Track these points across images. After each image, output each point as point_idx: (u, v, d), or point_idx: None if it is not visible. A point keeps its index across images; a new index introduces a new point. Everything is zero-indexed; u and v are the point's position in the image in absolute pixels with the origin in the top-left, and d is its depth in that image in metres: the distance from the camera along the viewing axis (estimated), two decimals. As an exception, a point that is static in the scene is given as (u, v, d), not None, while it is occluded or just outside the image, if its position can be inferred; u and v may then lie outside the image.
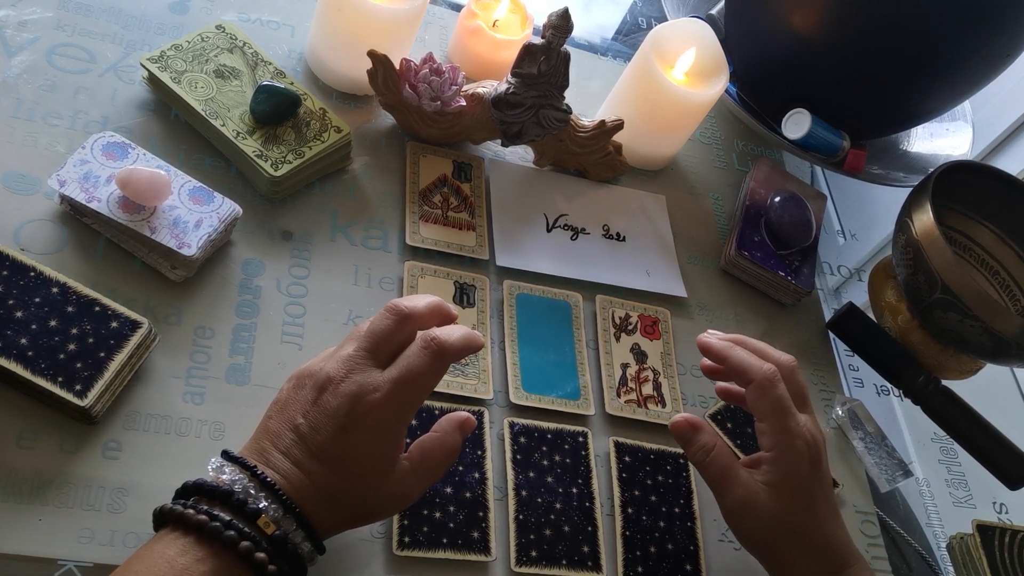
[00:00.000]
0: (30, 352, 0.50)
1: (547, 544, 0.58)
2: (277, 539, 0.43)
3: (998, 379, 0.94)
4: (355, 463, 0.46)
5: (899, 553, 0.71)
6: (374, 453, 0.46)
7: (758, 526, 0.55)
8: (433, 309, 0.50)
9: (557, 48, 0.68)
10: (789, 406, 0.56)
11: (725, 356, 0.58)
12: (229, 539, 0.41)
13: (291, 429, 0.46)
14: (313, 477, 0.45)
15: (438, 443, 0.50)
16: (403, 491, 0.48)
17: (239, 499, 0.43)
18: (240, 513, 0.43)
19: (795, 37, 0.79)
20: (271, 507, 0.43)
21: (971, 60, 0.77)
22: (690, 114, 0.78)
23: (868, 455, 0.73)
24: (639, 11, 1.01)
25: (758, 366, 0.57)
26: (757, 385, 0.56)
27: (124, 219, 0.57)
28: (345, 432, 0.45)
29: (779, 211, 0.79)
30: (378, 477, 0.47)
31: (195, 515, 0.42)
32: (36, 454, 0.50)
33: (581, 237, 0.74)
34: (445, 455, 0.50)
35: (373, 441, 0.46)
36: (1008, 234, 0.82)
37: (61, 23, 0.67)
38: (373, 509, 0.48)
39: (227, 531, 0.41)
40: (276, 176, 0.63)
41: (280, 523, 0.43)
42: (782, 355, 0.59)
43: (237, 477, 0.44)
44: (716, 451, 0.56)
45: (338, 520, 0.47)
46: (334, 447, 0.45)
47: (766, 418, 0.56)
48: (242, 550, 0.41)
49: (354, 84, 0.73)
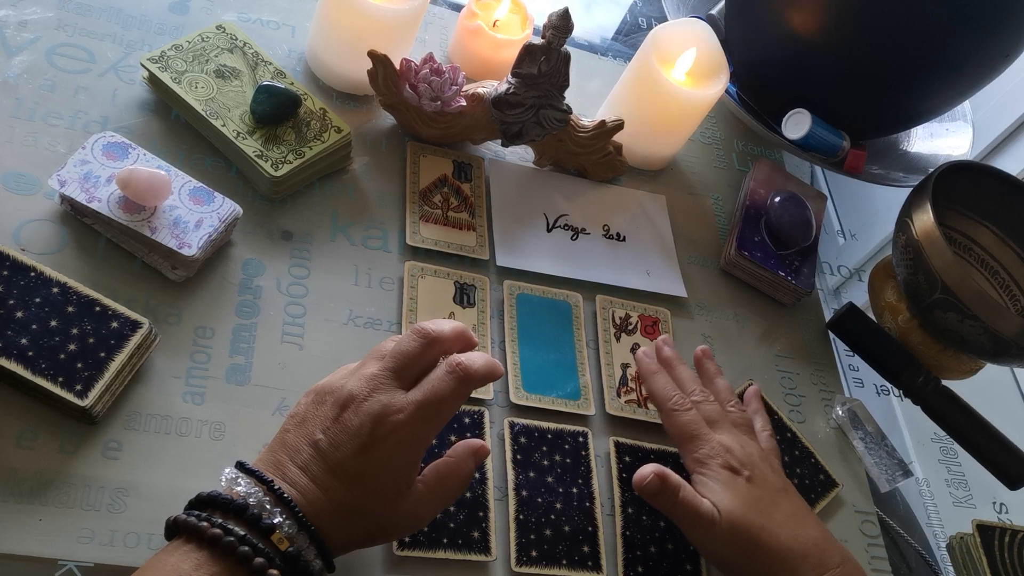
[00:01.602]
0: (30, 352, 0.50)
1: (547, 544, 0.58)
2: (290, 556, 0.42)
3: (998, 379, 0.94)
4: (373, 482, 0.46)
5: (899, 553, 0.71)
6: (393, 473, 0.46)
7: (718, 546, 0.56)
8: (458, 334, 0.50)
9: (557, 48, 0.68)
10: (693, 431, 0.59)
11: (644, 380, 0.64)
12: (243, 555, 0.41)
13: (310, 444, 0.46)
14: (330, 494, 0.45)
15: (453, 469, 0.50)
16: (417, 513, 0.48)
17: (254, 514, 0.42)
18: (255, 528, 0.42)
19: (795, 37, 0.79)
20: (286, 523, 0.43)
21: (971, 60, 0.77)
22: (690, 114, 0.78)
23: (868, 455, 0.73)
24: (639, 11, 1.01)
25: (666, 396, 0.61)
26: (664, 414, 0.61)
27: (124, 219, 0.57)
28: (366, 451, 0.45)
29: (779, 211, 0.79)
30: (394, 498, 0.47)
31: (209, 528, 0.41)
32: (36, 454, 0.50)
33: (581, 237, 0.74)
34: (459, 482, 0.50)
35: (393, 461, 0.46)
36: (1008, 234, 0.82)
37: (61, 23, 0.67)
38: (386, 529, 0.48)
39: (241, 546, 0.41)
40: (276, 176, 0.63)
41: (294, 540, 0.43)
42: (718, 382, 0.65)
43: (252, 490, 0.44)
44: (682, 489, 0.57)
45: (351, 539, 0.47)
46: (354, 465, 0.45)
47: (677, 445, 0.61)
48: (256, 567, 0.41)
49: (354, 84, 0.73)
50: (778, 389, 0.74)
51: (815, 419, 0.74)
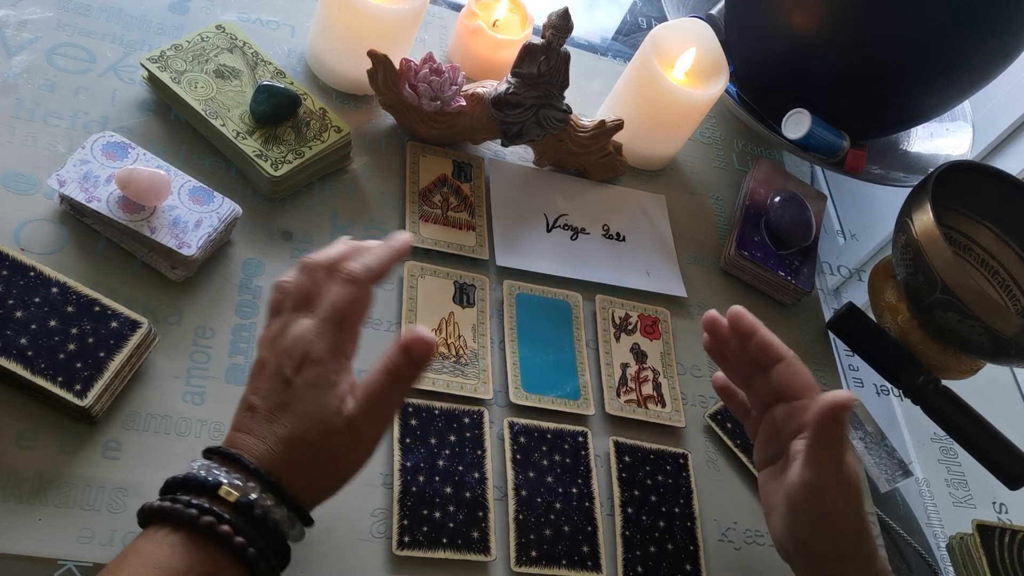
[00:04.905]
0: (30, 352, 0.50)
1: (547, 544, 0.58)
2: (242, 506, 0.42)
3: (998, 379, 0.94)
4: (302, 404, 0.45)
5: (899, 553, 0.71)
6: (319, 390, 0.46)
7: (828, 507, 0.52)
8: (343, 252, 0.50)
9: (557, 48, 0.68)
10: None
11: (756, 328, 0.57)
12: (188, 517, 0.41)
13: (246, 409, 0.46)
14: (268, 440, 0.45)
15: (381, 371, 0.48)
16: (359, 430, 0.46)
17: (197, 477, 0.43)
18: (202, 491, 0.42)
19: (795, 37, 0.79)
20: (233, 476, 0.43)
21: (971, 60, 0.77)
22: (690, 114, 0.78)
23: (868, 455, 0.73)
24: (639, 11, 1.01)
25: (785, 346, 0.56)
26: (791, 360, 0.56)
27: (124, 219, 0.57)
28: (289, 384, 0.46)
29: (779, 211, 0.79)
30: (330, 417, 0.46)
31: (159, 503, 0.42)
32: (36, 454, 0.50)
33: (581, 237, 0.74)
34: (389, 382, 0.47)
35: (316, 379, 0.46)
36: (1008, 234, 0.82)
37: (61, 23, 0.67)
38: (336, 457, 0.46)
39: (188, 510, 0.41)
40: (276, 176, 0.63)
41: (245, 490, 0.43)
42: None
43: (201, 463, 0.44)
44: None
45: (311, 478, 0.46)
46: (281, 399, 0.45)
47: (808, 391, 0.54)
48: (203, 525, 0.41)
49: (354, 84, 0.73)
50: (778, 389, 0.74)
51: (815, 419, 0.74)
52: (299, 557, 0.52)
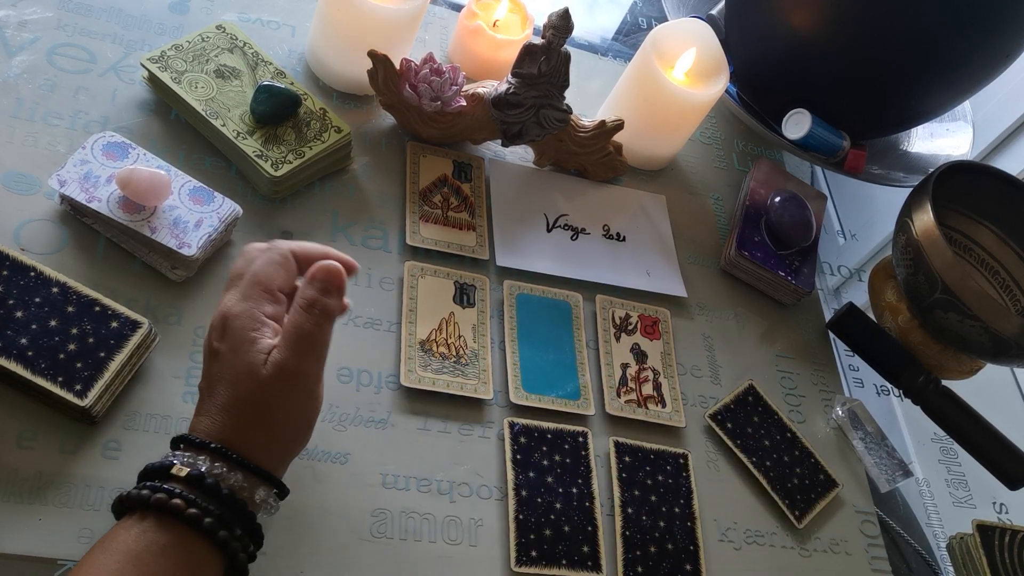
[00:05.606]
0: (30, 352, 0.50)
1: (547, 544, 0.58)
2: (193, 478, 0.43)
3: (998, 379, 0.94)
4: (230, 368, 0.46)
5: (899, 553, 0.71)
6: (240, 350, 0.46)
7: None
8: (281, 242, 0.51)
9: (557, 48, 0.68)
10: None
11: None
12: (142, 499, 0.42)
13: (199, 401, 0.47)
14: (212, 412, 0.46)
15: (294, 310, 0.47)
16: (290, 372, 0.46)
17: (152, 464, 0.44)
18: (157, 475, 0.44)
19: (795, 37, 0.79)
20: (185, 455, 0.44)
21: (971, 60, 0.77)
22: (690, 114, 0.78)
23: (868, 455, 0.73)
24: (639, 11, 1.01)
25: None
26: None
27: (124, 219, 0.57)
28: (217, 354, 0.47)
29: (779, 211, 0.79)
30: (256, 368, 0.46)
31: (119, 495, 0.43)
32: (36, 454, 0.50)
33: (581, 237, 0.74)
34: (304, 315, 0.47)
35: (236, 341, 0.46)
36: (1008, 234, 0.82)
37: (61, 23, 0.67)
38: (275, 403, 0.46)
39: (142, 492, 0.42)
40: (276, 176, 0.63)
41: (195, 464, 0.44)
42: None
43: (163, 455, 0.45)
44: None
45: (260, 437, 0.46)
46: (214, 371, 0.46)
47: None
48: (155, 503, 0.42)
49: (354, 84, 0.73)
50: (778, 389, 0.74)
51: (815, 419, 0.74)
52: (299, 557, 0.52)
